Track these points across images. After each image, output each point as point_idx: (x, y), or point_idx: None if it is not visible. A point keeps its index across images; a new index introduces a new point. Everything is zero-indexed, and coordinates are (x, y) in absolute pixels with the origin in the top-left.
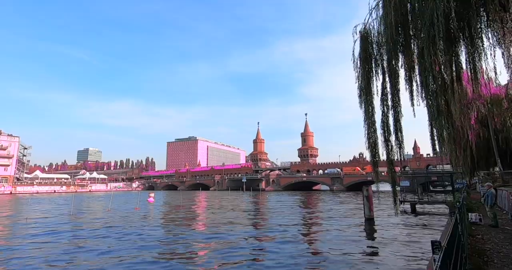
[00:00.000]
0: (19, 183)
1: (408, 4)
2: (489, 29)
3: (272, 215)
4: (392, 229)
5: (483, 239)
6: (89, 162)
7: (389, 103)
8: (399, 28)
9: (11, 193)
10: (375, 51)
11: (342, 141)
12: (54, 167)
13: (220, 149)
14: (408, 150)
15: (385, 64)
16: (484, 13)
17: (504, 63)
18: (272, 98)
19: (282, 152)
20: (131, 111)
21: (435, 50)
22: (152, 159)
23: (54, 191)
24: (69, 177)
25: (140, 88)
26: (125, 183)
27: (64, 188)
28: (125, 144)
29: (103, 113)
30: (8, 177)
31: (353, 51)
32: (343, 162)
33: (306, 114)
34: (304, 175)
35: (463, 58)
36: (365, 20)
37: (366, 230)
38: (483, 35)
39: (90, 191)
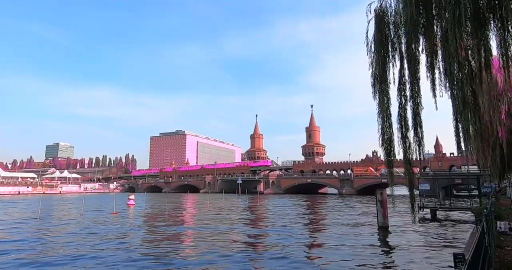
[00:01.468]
0: None
1: None
2: None
3: (272, 222)
4: (409, 239)
5: None
6: (59, 159)
7: (408, 93)
8: (420, 7)
9: None
10: (392, 33)
11: (353, 137)
12: (18, 164)
13: (212, 145)
14: (429, 148)
15: (403, 49)
16: None
17: None
18: (272, 88)
19: (284, 149)
20: (109, 101)
21: (461, 32)
22: (133, 156)
23: (19, 192)
24: (36, 176)
25: (120, 73)
26: (101, 183)
27: (30, 189)
28: (102, 139)
29: (76, 102)
30: None
31: (367, 33)
32: (354, 161)
33: (312, 106)
34: (309, 176)
35: (493, 42)
36: None
37: (379, 240)
38: None
39: (60, 192)
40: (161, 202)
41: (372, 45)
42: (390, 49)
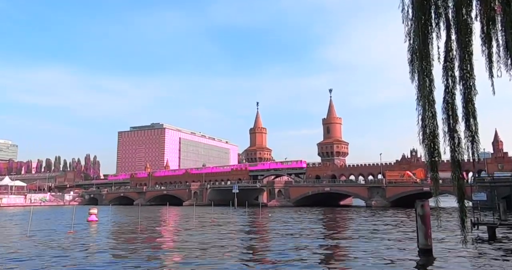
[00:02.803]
0: None
1: None
2: None
3: (280, 247)
4: (458, 265)
5: None
6: None
7: (456, 73)
8: None
9: None
10: None
11: (385, 132)
12: None
13: (200, 143)
14: (485, 145)
15: (450, 15)
16: None
17: None
18: (278, 66)
19: (293, 148)
20: (62, 84)
21: None
22: (95, 157)
23: None
24: None
25: (76, 49)
26: (53, 193)
27: None
28: (54, 135)
29: (18, 87)
30: None
31: None
32: (386, 164)
33: (330, 91)
34: (325, 182)
35: None
36: None
37: (420, 267)
38: None
39: None
40: (131, 218)
41: (410, 10)
42: (433, 15)
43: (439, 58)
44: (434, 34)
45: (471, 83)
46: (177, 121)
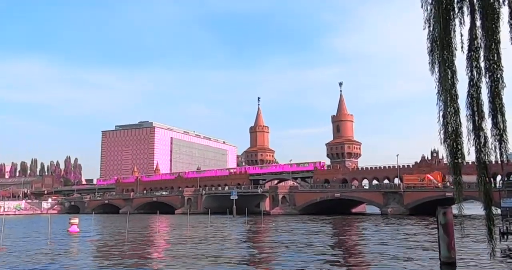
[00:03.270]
0: None
1: None
2: None
3: (285, 261)
4: None
5: None
6: None
7: (482, 64)
8: None
9: None
10: None
11: (403, 130)
12: None
13: (194, 143)
14: None
15: None
16: None
17: None
18: (281, 57)
19: (299, 149)
20: (38, 78)
21: None
22: (76, 160)
23: None
24: None
25: (56, 38)
26: (29, 201)
27: None
28: (29, 135)
29: None
30: None
31: None
32: (403, 166)
33: (340, 84)
34: (328, 187)
35: None
36: None
37: None
38: None
39: None
40: (117, 228)
41: None
42: None
43: (462, 47)
44: (456, 20)
45: (498, 75)
46: (168, 119)
